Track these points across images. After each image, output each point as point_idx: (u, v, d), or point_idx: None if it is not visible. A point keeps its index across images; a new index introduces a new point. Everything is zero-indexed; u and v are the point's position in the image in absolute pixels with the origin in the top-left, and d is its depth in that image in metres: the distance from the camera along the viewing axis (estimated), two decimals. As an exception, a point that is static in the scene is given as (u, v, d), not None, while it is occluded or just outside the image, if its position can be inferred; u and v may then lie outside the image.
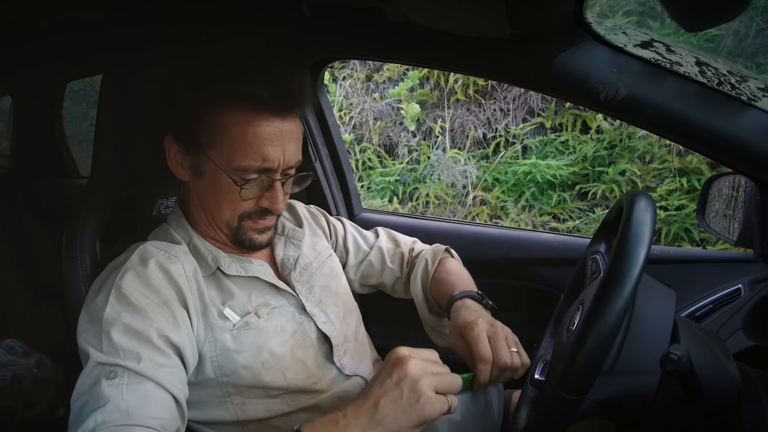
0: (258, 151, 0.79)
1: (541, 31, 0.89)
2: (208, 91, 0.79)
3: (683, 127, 0.87)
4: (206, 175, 0.83)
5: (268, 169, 0.81)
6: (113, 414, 0.66)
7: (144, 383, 0.70)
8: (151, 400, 0.69)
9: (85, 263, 0.90)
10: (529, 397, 0.82)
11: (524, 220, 3.15)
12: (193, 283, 0.83)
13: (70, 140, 1.95)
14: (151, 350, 0.73)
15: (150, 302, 0.77)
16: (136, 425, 0.66)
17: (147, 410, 0.68)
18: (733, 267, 1.18)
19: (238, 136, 0.78)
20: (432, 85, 3.61)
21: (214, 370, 0.82)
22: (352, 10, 1.07)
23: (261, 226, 0.88)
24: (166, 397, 0.71)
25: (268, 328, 0.86)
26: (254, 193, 0.84)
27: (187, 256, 0.86)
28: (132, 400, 0.68)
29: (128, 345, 0.72)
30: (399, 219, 1.62)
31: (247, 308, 0.86)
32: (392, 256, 1.14)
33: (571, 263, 0.96)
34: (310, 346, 0.90)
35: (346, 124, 3.75)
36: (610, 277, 0.61)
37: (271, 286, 0.90)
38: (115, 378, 0.69)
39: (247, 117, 0.78)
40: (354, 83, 3.80)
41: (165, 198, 1.05)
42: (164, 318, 0.76)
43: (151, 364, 0.71)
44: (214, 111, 0.79)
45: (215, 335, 0.82)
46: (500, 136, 3.35)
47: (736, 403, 0.64)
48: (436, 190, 3.40)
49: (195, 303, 0.82)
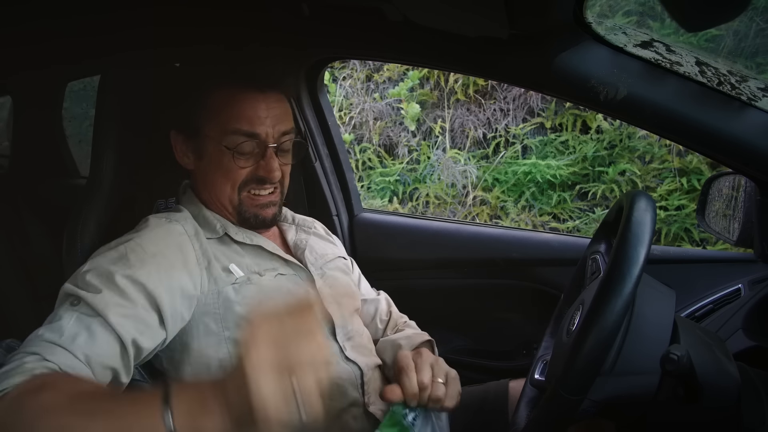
0: (244, 117, 0.89)
1: (541, 31, 0.89)
2: (201, 81, 0.93)
3: (683, 127, 0.87)
4: (206, 155, 0.92)
5: (256, 135, 0.89)
6: (52, 332, 0.71)
7: (94, 318, 0.73)
8: (90, 333, 0.72)
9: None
10: (529, 397, 0.82)
11: (524, 220, 3.15)
12: (195, 240, 0.88)
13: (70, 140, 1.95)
14: (113, 291, 0.76)
15: (138, 251, 0.81)
16: (61, 347, 0.69)
17: (81, 340, 0.71)
18: (733, 267, 1.18)
19: (228, 106, 0.89)
20: (432, 85, 3.60)
21: (216, 323, 0.85)
22: (352, 10, 1.07)
23: (262, 201, 0.94)
24: (108, 337, 0.73)
25: (271, 287, 0.90)
26: (250, 163, 0.91)
27: (187, 220, 0.91)
28: (73, 327, 0.72)
29: (96, 282, 0.76)
30: (399, 219, 1.62)
31: (253, 268, 0.91)
32: (384, 317, 1.13)
33: (571, 263, 0.96)
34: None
35: (346, 124, 3.75)
36: (610, 277, 0.61)
37: (278, 256, 0.95)
38: (76, 305, 0.75)
39: (233, 92, 0.90)
40: (354, 83, 3.80)
41: (165, 198, 1.06)
42: (147, 267, 0.79)
43: (107, 302, 0.74)
44: (208, 95, 0.91)
45: (218, 287, 0.86)
46: (500, 136, 3.35)
47: (736, 403, 0.64)
48: (436, 190, 3.39)
49: (198, 257, 0.87)
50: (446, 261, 1.44)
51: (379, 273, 1.21)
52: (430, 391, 0.79)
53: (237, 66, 0.95)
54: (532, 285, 1.38)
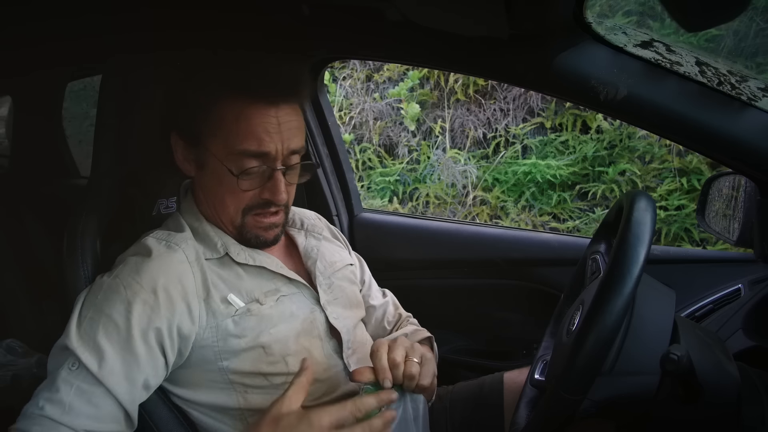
0: (253, 136, 0.80)
1: (541, 31, 0.89)
2: (205, 82, 0.82)
3: (683, 127, 0.87)
4: (208, 167, 0.85)
5: (265, 156, 0.82)
6: (54, 406, 0.70)
7: (96, 387, 0.72)
8: (94, 406, 0.71)
9: (86, 263, 0.90)
10: (529, 397, 0.82)
11: (524, 220, 3.15)
12: (196, 268, 0.83)
13: (70, 140, 1.95)
14: (117, 352, 0.74)
15: (141, 294, 0.77)
16: (64, 426, 0.69)
17: (83, 415, 0.70)
18: (733, 267, 1.18)
19: (233, 123, 0.80)
20: (432, 85, 3.60)
21: (214, 355, 0.82)
22: (352, 10, 1.07)
23: (266, 224, 0.88)
24: (111, 406, 0.73)
25: (273, 314, 0.86)
26: (254, 185, 0.84)
27: (188, 242, 0.86)
28: (75, 401, 0.70)
29: (98, 339, 0.74)
30: (399, 219, 1.62)
31: (254, 294, 0.86)
32: (392, 319, 1.11)
33: (571, 263, 0.96)
34: (317, 337, 0.89)
35: (346, 124, 3.74)
36: (610, 277, 0.61)
37: (281, 275, 0.90)
38: (74, 369, 0.72)
39: (242, 104, 0.80)
40: (354, 83, 3.80)
41: (165, 198, 1.05)
42: (150, 310, 0.77)
43: (110, 370, 0.73)
44: (212, 102, 0.81)
45: (217, 321, 0.82)
46: (500, 136, 3.35)
47: (736, 403, 0.64)
48: (436, 190, 3.39)
49: (198, 289, 0.82)
50: (446, 261, 1.44)
51: (379, 273, 1.21)
52: (402, 369, 0.77)
53: (246, 68, 0.82)
54: (532, 285, 1.38)
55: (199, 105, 0.82)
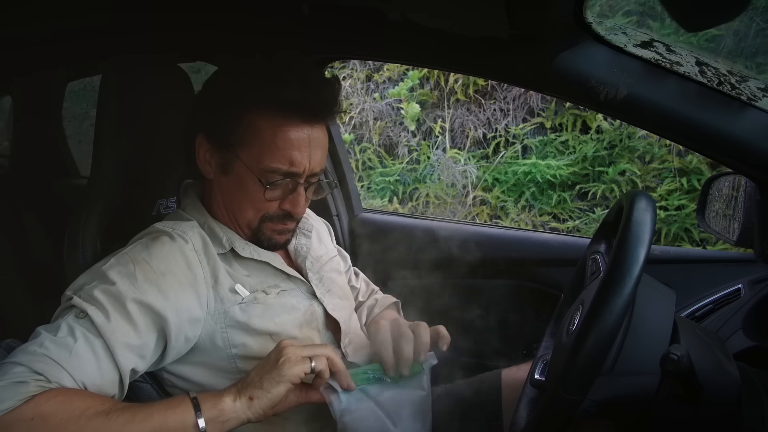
0: (286, 155, 0.83)
1: (541, 31, 0.89)
2: (245, 94, 0.83)
3: (683, 127, 0.87)
4: (233, 174, 0.87)
5: (293, 174, 0.85)
6: (60, 348, 0.70)
7: (98, 339, 0.73)
8: (96, 359, 0.72)
9: (86, 263, 0.91)
10: (529, 397, 0.82)
11: (524, 220, 3.15)
12: (203, 257, 0.86)
13: (70, 140, 1.95)
14: (122, 316, 0.75)
15: (146, 270, 0.79)
16: (66, 372, 0.69)
17: (85, 366, 0.71)
18: (733, 267, 1.18)
19: (269, 139, 0.83)
20: (432, 85, 3.60)
21: (222, 341, 0.85)
22: (352, 10, 1.07)
23: (281, 229, 0.91)
24: (109, 366, 0.74)
25: (276, 304, 0.89)
26: (278, 196, 0.87)
27: (195, 230, 0.88)
28: (81, 347, 0.72)
29: (104, 300, 0.75)
30: (399, 219, 1.62)
31: (257, 287, 0.89)
32: (364, 298, 1.19)
33: (571, 263, 0.96)
34: (315, 329, 0.94)
35: (346, 124, 3.75)
36: (610, 277, 0.61)
37: (281, 272, 0.93)
38: (82, 319, 0.74)
39: (279, 121, 0.82)
40: (354, 83, 3.80)
41: (165, 198, 1.06)
42: (156, 288, 0.79)
43: (114, 329, 0.74)
44: (248, 113, 0.83)
45: (224, 307, 0.85)
46: (500, 136, 3.35)
47: (736, 403, 0.64)
48: (436, 190, 3.39)
49: (206, 276, 0.85)
50: (446, 261, 1.44)
51: (379, 273, 1.22)
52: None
53: (287, 83, 0.82)
54: (532, 285, 1.38)
55: (235, 114, 0.84)
